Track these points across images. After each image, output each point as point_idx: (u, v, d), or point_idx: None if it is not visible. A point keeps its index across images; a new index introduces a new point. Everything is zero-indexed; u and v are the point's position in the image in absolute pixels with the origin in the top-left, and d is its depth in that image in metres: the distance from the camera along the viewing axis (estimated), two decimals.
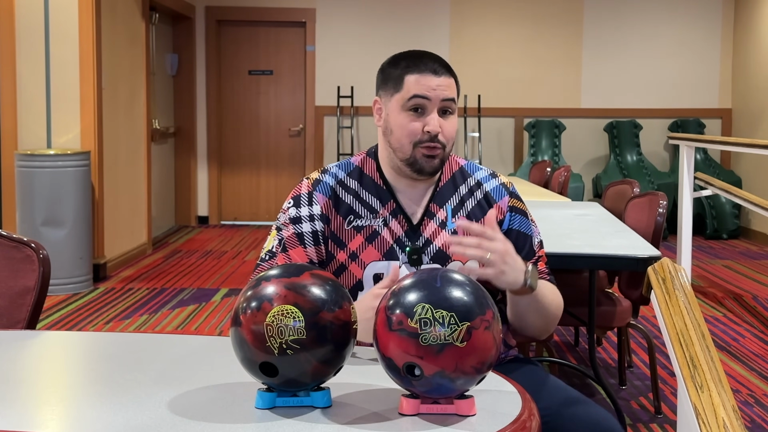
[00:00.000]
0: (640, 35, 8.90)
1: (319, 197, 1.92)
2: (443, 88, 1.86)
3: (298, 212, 1.92)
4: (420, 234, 1.90)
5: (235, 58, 9.04)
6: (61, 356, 1.83)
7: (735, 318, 5.27)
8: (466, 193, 1.95)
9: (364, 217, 1.91)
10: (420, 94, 1.85)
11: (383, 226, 1.90)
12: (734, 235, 8.35)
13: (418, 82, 1.86)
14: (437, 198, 1.93)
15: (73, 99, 5.97)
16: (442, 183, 1.95)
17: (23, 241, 2.13)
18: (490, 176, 1.99)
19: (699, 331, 1.80)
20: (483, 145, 8.87)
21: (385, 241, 1.89)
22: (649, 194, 3.57)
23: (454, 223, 1.91)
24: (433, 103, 1.86)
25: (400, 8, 8.82)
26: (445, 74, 1.87)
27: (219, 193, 9.10)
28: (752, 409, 3.68)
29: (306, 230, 1.90)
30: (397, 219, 1.91)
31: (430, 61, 1.88)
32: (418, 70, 1.87)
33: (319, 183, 1.93)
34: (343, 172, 1.95)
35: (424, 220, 1.91)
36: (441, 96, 1.86)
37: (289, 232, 1.91)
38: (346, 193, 1.93)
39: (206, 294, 5.82)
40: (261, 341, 1.33)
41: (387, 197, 1.92)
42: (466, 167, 2.00)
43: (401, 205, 1.92)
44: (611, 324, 3.44)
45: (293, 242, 1.90)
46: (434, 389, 1.34)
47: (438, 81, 1.86)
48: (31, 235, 5.26)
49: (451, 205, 1.93)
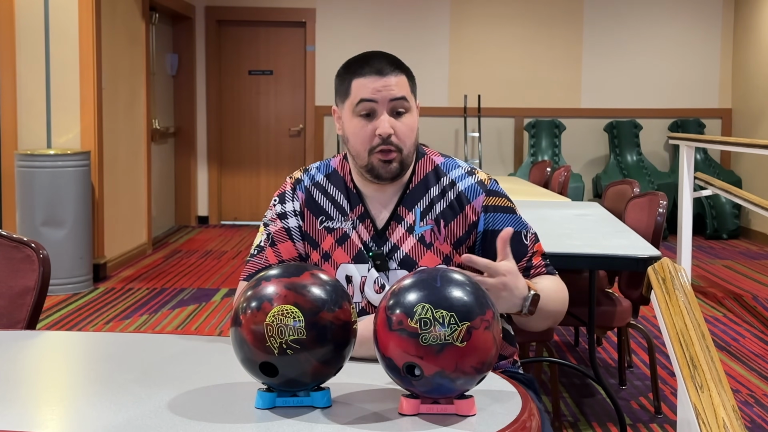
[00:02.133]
0: (640, 35, 8.89)
1: (299, 194, 1.93)
2: (389, 87, 1.80)
3: (283, 208, 1.93)
4: (386, 239, 1.86)
5: (235, 58, 9.04)
6: (61, 356, 1.82)
7: (735, 318, 5.27)
8: (438, 195, 1.87)
9: (336, 219, 1.89)
10: (366, 97, 1.81)
11: (352, 230, 1.88)
12: (734, 235, 8.35)
13: (364, 85, 1.81)
14: (406, 201, 1.88)
15: (73, 99, 5.97)
16: (412, 185, 1.89)
17: (23, 241, 2.13)
18: (466, 174, 1.90)
19: (699, 331, 1.80)
20: (483, 145, 8.87)
21: (353, 245, 1.87)
22: (649, 194, 3.57)
23: (422, 227, 1.85)
24: (381, 104, 1.80)
25: (400, 8, 8.82)
26: (392, 73, 1.81)
27: (219, 193, 9.10)
28: (752, 409, 3.68)
29: (292, 225, 1.91)
30: (364, 224, 1.88)
31: (376, 62, 1.82)
32: (362, 73, 1.82)
33: (299, 182, 1.94)
34: (320, 173, 1.95)
35: (390, 224, 1.87)
36: (388, 96, 1.80)
37: (276, 227, 1.92)
38: (320, 194, 1.92)
39: (206, 294, 5.81)
40: (261, 341, 1.33)
41: (356, 201, 1.90)
42: (442, 166, 1.91)
43: (368, 210, 1.88)
44: (611, 324, 3.44)
45: (282, 236, 1.91)
46: (434, 389, 1.34)
47: (383, 81, 1.80)
48: (31, 235, 5.26)
49: (420, 208, 1.87)
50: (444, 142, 8.76)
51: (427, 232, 1.86)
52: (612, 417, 3.55)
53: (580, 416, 3.61)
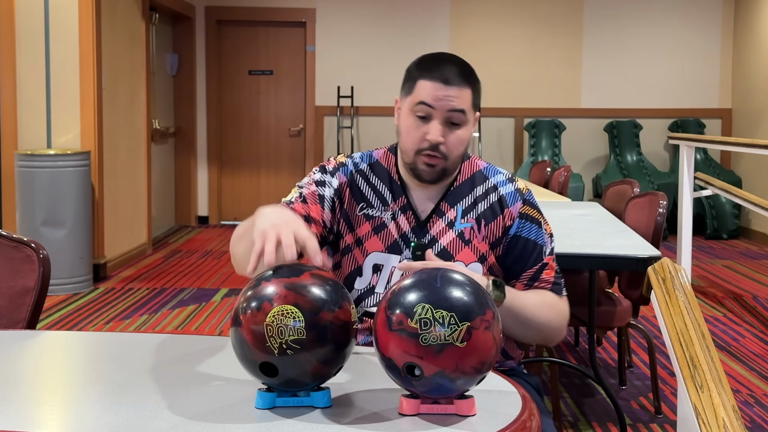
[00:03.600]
0: (640, 35, 8.89)
1: (340, 176, 1.95)
2: (450, 98, 1.82)
3: (323, 177, 1.95)
4: (427, 231, 1.90)
5: (235, 58, 9.04)
6: (61, 356, 1.82)
7: (735, 318, 5.27)
8: (481, 195, 1.93)
9: (376, 208, 1.93)
10: (425, 101, 1.83)
11: (391, 220, 1.91)
12: (734, 235, 8.35)
13: (427, 88, 1.83)
14: (449, 197, 1.92)
15: (73, 99, 5.97)
16: (457, 183, 1.93)
17: (23, 241, 2.13)
18: (507, 180, 1.96)
19: (699, 331, 1.80)
20: (483, 145, 8.87)
21: (390, 234, 1.91)
22: (649, 194, 3.57)
23: (462, 224, 1.90)
24: (438, 112, 1.83)
25: (400, 8, 8.82)
26: (459, 84, 1.83)
27: (219, 193, 9.10)
28: (752, 409, 3.68)
29: (327, 194, 1.93)
30: (406, 215, 1.91)
31: (446, 68, 1.85)
32: (430, 76, 1.84)
33: (343, 165, 1.97)
34: (364, 162, 1.98)
35: (432, 217, 1.91)
36: (447, 107, 1.82)
37: (311, 189, 1.93)
38: (363, 181, 1.95)
39: (206, 294, 5.81)
40: (261, 341, 1.33)
41: (399, 192, 1.93)
42: (485, 170, 1.96)
43: (411, 202, 1.92)
44: (611, 324, 3.44)
45: (314, 199, 1.92)
46: (434, 389, 1.34)
47: (446, 91, 1.82)
48: (31, 235, 5.26)
49: (463, 206, 1.92)
50: None
51: (467, 229, 1.90)
52: (612, 417, 3.55)
53: (580, 416, 3.61)
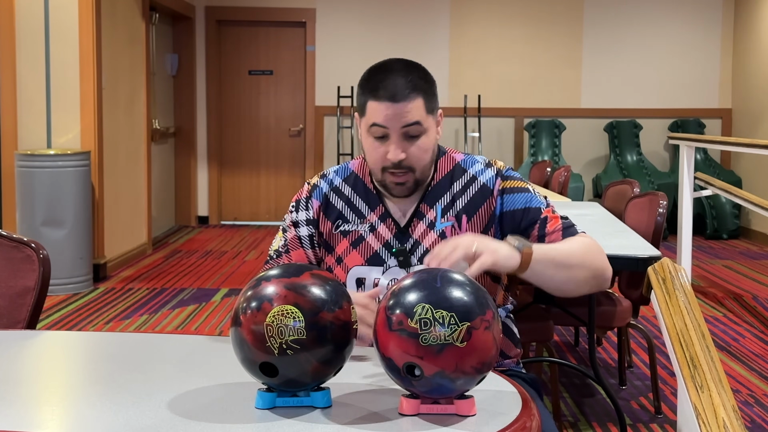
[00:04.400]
0: (640, 35, 8.89)
1: (314, 202, 1.96)
2: (402, 115, 1.78)
3: (297, 217, 1.97)
4: (409, 236, 1.89)
5: (235, 58, 9.04)
6: (61, 356, 1.82)
7: (735, 318, 5.26)
8: (460, 191, 1.90)
9: (352, 222, 1.92)
10: (377, 123, 1.80)
11: (369, 232, 1.90)
12: (734, 235, 8.35)
13: (377, 110, 1.79)
14: (428, 198, 1.90)
15: (73, 99, 5.97)
16: (435, 182, 1.91)
17: (23, 241, 2.13)
18: (485, 167, 1.92)
19: (699, 331, 1.80)
20: (483, 145, 8.87)
21: (369, 247, 1.90)
22: (649, 194, 3.57)
23: (443, 223, 1.88)
24: (393, 130, 1.79)
25: (400, 8, 8.82)
26: (406, 98, 1.77)
27: (219, 193, 9.10)
28: (752, 409, 3.68)
29: (303, 234, 1.96)
30: (386, 223, 1.90)
31: (391, 83, 1.78)
32: (377, 96, 1.79)
33: (315, 188, 1.97)
34: (339, 177, 1.97)
35: (413, 221, 1.89)
36: (400, 123, 1.78)
37: (291, 234, 1.97)
38: (338, 198, 1.94)
39: (206, 294, 5.81)
40: (261, 341, 1.33)
41: (376, 202, 1.92)
42: (463, 163, 1.93)
43: (389, 210, 1.91)
44: (611, 324, 3.44)
45: (295, 244, 1.96)
46: (434, 389, 1.34)
47: (395, 109, 1.77)
48: (31, 235, 5.26)
49: (442, 204, 1.89)
50: (444, 143, 8.63)
51: (448, 228, 1.88)
52: (612, 417, 3.55)
53: (580, 416, 3.61)
